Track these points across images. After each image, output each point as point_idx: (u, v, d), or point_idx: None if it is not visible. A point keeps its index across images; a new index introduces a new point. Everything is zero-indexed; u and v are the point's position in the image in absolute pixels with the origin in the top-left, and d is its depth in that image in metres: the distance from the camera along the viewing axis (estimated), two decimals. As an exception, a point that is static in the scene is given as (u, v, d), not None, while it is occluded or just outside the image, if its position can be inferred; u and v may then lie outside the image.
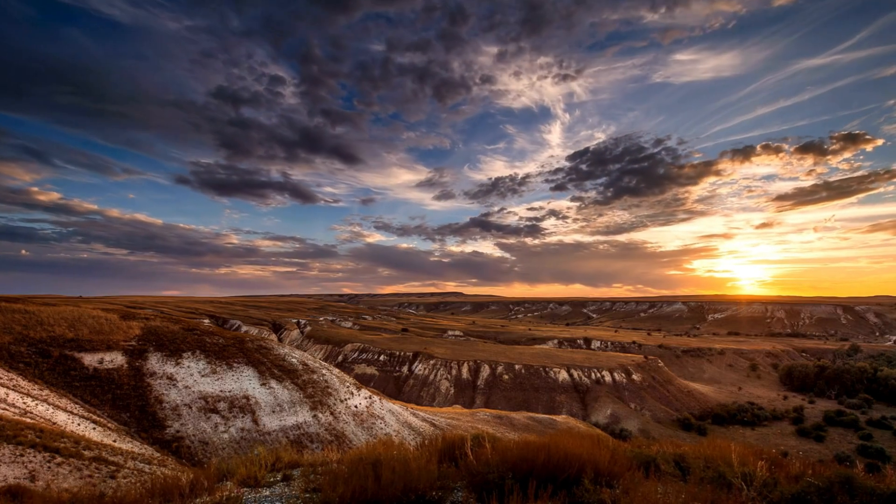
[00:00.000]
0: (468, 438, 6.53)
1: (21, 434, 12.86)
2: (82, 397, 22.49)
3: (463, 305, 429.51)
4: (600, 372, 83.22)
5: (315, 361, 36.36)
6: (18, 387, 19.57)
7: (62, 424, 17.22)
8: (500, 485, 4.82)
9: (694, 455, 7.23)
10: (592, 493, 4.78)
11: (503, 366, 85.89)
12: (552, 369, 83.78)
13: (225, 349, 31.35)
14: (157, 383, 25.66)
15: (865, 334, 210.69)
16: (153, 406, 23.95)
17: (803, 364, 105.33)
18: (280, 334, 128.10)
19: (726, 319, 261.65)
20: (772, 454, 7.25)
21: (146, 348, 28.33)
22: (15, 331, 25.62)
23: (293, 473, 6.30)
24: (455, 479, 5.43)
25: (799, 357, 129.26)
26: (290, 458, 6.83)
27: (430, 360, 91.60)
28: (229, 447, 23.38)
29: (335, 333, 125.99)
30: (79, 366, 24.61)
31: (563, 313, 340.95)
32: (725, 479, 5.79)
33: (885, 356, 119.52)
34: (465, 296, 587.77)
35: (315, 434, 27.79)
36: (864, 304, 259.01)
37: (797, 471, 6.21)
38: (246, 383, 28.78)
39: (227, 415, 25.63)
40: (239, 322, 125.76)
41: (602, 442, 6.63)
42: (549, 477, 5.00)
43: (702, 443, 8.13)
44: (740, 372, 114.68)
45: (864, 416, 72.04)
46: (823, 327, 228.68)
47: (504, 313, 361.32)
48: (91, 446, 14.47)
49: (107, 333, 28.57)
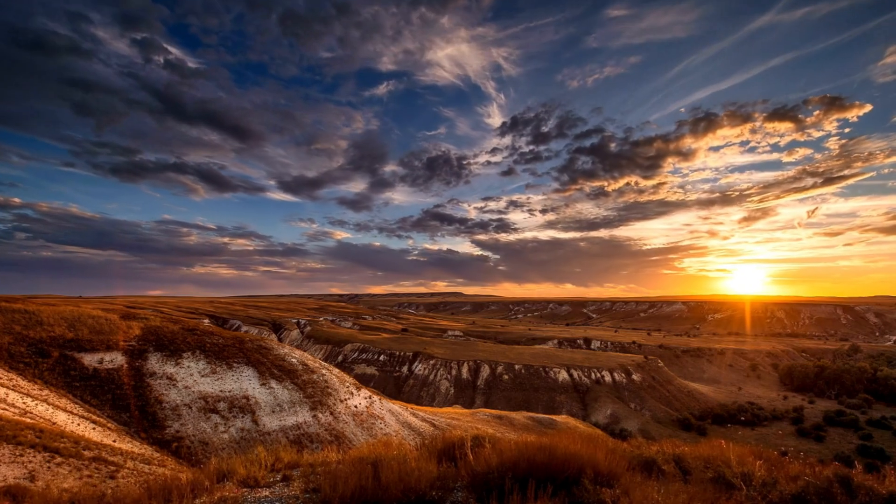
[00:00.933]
0: (468, 438, 6.53)
1: (21, 434, 12.86)
2: (82, 397, 22.48)
3: (463, 305, 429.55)
4: (600, 372, 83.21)
5: (315, 361, 36.35)
6: (18, 387, 19.56)
7: (62, 424, 17.21)
8: (499, 485, 4.82)
9: (694, 455, 7.23)
10: (592, 493, 4.78)
11: (503, 366, 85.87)
12: (552, 369, 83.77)
13: (225, 349, 31.34)
14: (156, 383, 25.65)
15: (865, 334, 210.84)
16: (153, 406, 23.94)
17: (803, 364, 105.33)
18: (280, 334, 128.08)
19: (726, 319, 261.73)
20: (771, 454, 7.25)
21: (146, 348, 28.32)
22: (15, 331, 25.61)
23: (293, 473, 6.29)
24: (455, 479, 5.43)
25: (799, 357, 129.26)
26: (290, 458, 6.82)
27: (429, 360, 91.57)
28: (229, 447, 23.38)
29: (335, 333, 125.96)
30: (79, 366, 24.60)
31: (562, 313, 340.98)
32: (725, 479, 5.79)
33: (885, 356, 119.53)
34: (465, 296, 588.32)
35: (315, 434, 27.78)
36: (864, 304, 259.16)
37: (797, 471, 6.21)
38: (246, 383, 28.77)
39: (226, 415, 25.62)
40: (239, 322, 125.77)
41: (602, 442, 6.63)
42: (548, 477, 5.00)
43: (701, 443, 8.14)
44: (740, 372, 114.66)
45: (863, 416, 72.05)
46: (823, 327, 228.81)
47: (504, 313, 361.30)
48: (91, 446, 14.47)
49: (107, 333, 28.57)
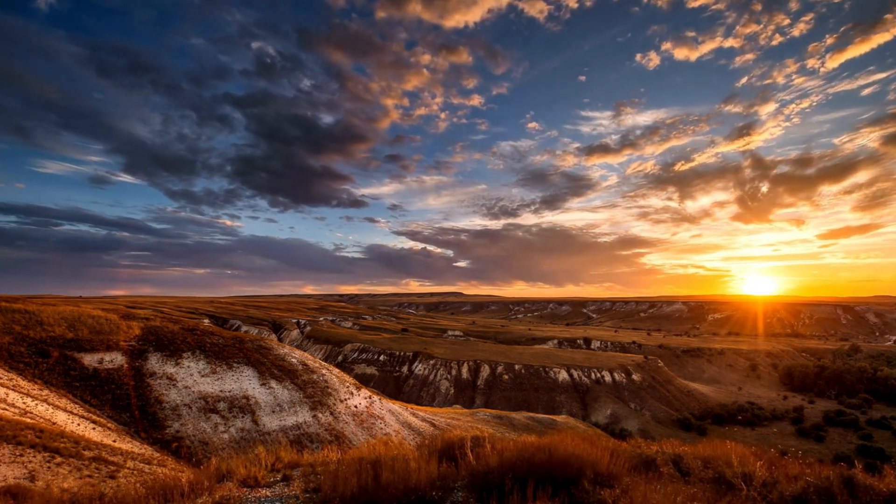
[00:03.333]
0: (468, 438, 6.52)
1: (21, 434, 12.85)
2: (82, 397, 22.48)
3: (463, 305, 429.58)
4: (600, 372, 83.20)
5: (315, 361, 36.34)
6: (18, 387, 19.56)
7: (62, 424, 17.21)
8: (499, 485, 4.82)
9: (693, 455, 7.23)
10: (592, 493, 4.78)
11: (503, 366, 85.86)
12: (552, 369, 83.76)
13: (225, 349, 31.34)
14: (156, 383, 25.64)
15: (865, 334, 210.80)
16: (153, 406, 23.94)
17: (803, 364, 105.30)
18: (280, 334, 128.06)
19: (726, 319, 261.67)
20: (771, 454, 7.25)
21: (146, 348, 28.31)
22: (15, 331, 25.61)
23: (293, 473, 6.29)
24: (455, 479, 5.42)
25: (799, 357, 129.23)
26: (290, 458, 6.82)
27: (429, 360, 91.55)
28: (229, 447, 23.37)
29: (335, 333, 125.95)
30: (79, 366, 24.60)
31: (563, 313, 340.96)
32: (725, 479, 5.79)
33: (885, 356, 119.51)
34: (465, 296, 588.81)
35: (315, 434, 27.77)
36: (864, 304, 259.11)
37: (797, 471, 6.20)
38: (246, 383, 28.77)
39: (226, 415, 25.62)
40: (239, 322, 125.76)
41: (602, 442, 6.63)
42: (548, 477, 5.00)
43: (701, 443, 8.13)
44: (740, 372, 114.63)
45: (864, 416, 72.03)
46: (823, 327, 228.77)
47: (504, 313, 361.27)
48: (91, 446, 14.46)
49: (107, 333, 28.56)
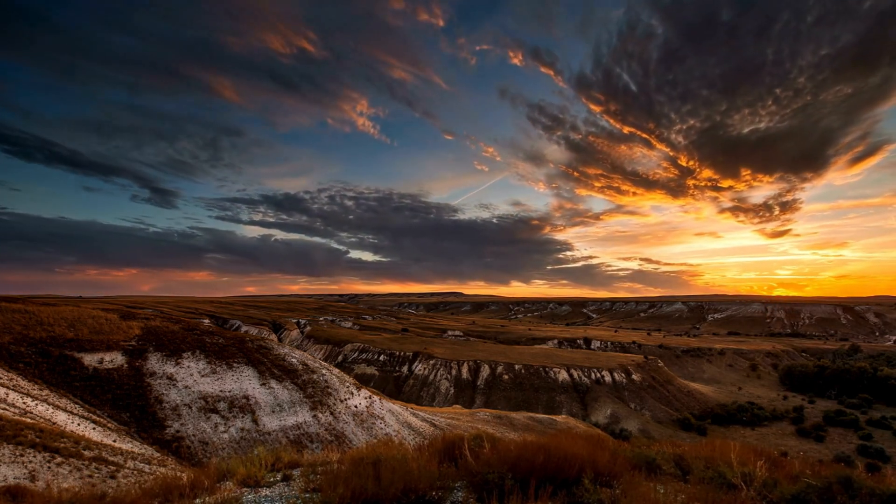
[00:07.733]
0: (468, 438, 6.53)
1: (21, 434, 12.86)
2: (82, 397, 22.48)
3: (463, 305, 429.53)
4: (600, 372, 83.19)
5: (315, 361, 36.34)
6: (18, 387, 19.56)
7: (62, 424, 17.21)
8: (499, 485, 4.82)
9: (693, 455, 7.22)
10: (592, 493, 4.78)
11: (503, 366, 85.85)
12: (552, 369, 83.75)
13: (225, 349, 31.34)
14: (157, 383, 25.65)
15: (865, 334, 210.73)
16: (153, 406, 23.94)
17: (803, 364, 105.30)
18: (280, 334, 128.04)
19: (726, 319, 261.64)
20: (771, 454, 7.25)
21: (146, 348, 28.32)
22: (15, 331, 25.61)
23: (293, 473, 6.29)
24: (455, 479, 5.43)
25: (799, 357, 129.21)
26: (290, 458, 6.82)
27: (429, 360, 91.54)
28: (229, 447, 23.37)
29: (335, 333, 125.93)
30: (79, 366, 24.60)
31: (563, 313, 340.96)
32: (725, 479, 5.78)
33: (885, 356, 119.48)
34: (465, 296, 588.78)
35: (315, 434, 27.77)
36: (864, 304, 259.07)
37: (797, 471, 6.20)
38: (246, 383, 28.77)
39: (227, 415, 25.62)
40: (239, 322, 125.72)
41: (602, 442, 6.63)
42: (548, 477, 5.00)
43: (701, 443, 8.13)
44: (740, 372, 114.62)
45: (864, 416, 71.99)
46: (823, 327, 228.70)
47: (504, 313, 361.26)
48: (91, 446, 14.47)
49: (107, 333, 28.57)
